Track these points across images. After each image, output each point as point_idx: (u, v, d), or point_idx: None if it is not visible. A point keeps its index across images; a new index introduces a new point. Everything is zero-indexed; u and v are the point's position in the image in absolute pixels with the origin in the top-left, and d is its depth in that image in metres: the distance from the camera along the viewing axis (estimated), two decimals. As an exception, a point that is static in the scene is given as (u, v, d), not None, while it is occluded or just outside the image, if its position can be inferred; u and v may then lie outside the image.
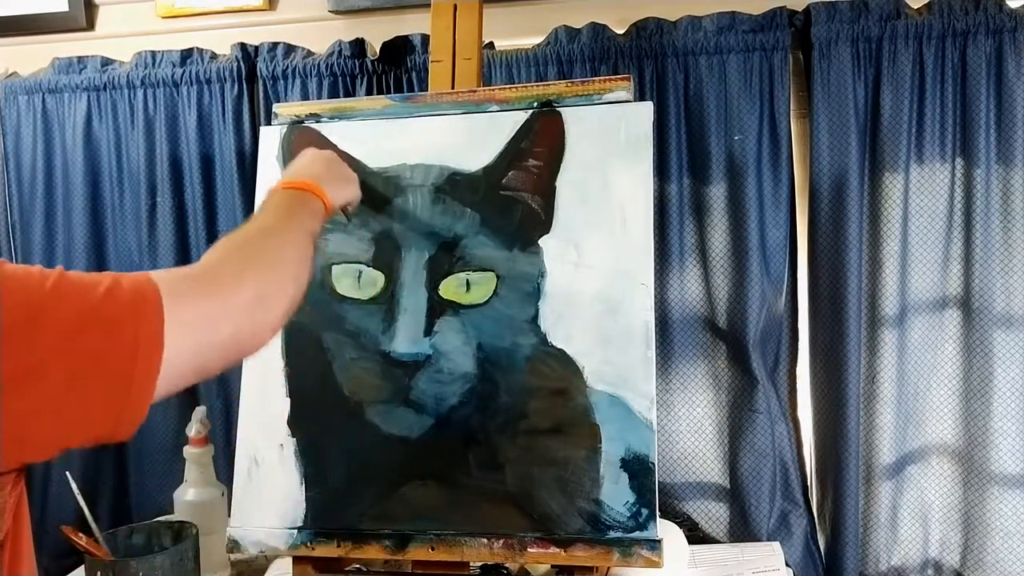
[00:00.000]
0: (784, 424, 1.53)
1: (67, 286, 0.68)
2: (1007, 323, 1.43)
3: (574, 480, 1.13)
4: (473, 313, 1.19)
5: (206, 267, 0.80)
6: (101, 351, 0.67)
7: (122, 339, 0.68)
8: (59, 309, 0.66)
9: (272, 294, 0.82)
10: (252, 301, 0.79)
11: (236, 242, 0.86)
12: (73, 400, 0.66)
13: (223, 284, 0.78)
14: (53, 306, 0.66)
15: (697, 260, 1.53)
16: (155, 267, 1.65)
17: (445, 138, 1.25)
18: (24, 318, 0.65)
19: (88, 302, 0.68)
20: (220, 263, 0.81)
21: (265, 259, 0.85)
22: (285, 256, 0.87)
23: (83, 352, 0.66)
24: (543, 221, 1.20)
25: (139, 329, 0.69)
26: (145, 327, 0.69)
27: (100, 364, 0.67)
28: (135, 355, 0.68)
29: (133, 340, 0.68)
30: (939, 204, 1.45)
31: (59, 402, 0.66)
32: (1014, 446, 1.44)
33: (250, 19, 1.68)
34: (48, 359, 0.65)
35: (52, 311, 0.66)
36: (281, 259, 0.86)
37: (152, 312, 0.70)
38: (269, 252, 0.86)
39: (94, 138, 1.68)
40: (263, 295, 0.80)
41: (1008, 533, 1.46)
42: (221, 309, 0.76)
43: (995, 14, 1.40)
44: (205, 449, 1.44)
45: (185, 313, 0.72)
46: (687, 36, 1.49)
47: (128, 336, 0.68)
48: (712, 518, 1.55)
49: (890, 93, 1.44)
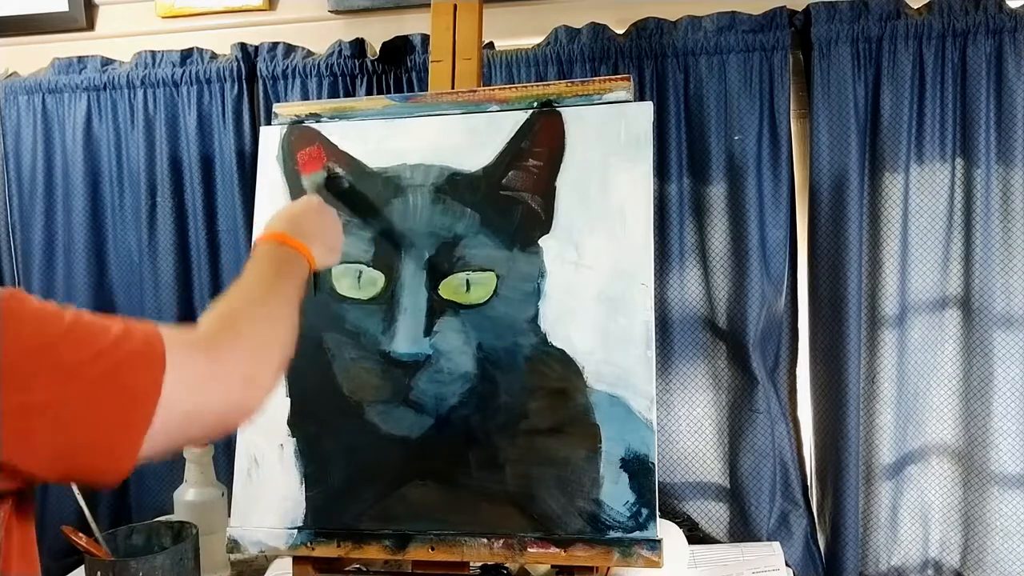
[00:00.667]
0: (784, 424, 1.53)
1: (80, 328, 0.70)
2: (1007, 323, 1.43)
3: (574, 480, 1.13)
4: (473, 313, 1.19)
5: (206, 336, 0.81)
6: (99, 396, 0.68)
7: (122, 388, 0.69)
8: (69, 349, 0.68)
9: (261, 374, 0.84)
10: (243, 379, 0.80)
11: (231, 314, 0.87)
12: (64, 440, 0.67)
13: (219, 358, 0.78)
14: (63, 345, 0.68)
15: (697, 260, 1.53)
16: (155, 267, 1.66)
17: (445, 138, 1.25)
18: (35, 350, 0.67)
19: (97, 346, 0.69)
20: (218, 335, 0.81)
21: (256, 340, 0.85)
22: (274, 334, 0.88)
23: (82, 394, 0.68)
24: (543, 221, 1.20)
25: (139, 380, 0.70)
26: (145, 379, 0.71)
27: (96, 409, 0.68)
28: (132, 406, 0.70)
29: (131, 391, 0.70)
30: (939, 204, 1.45)
31: (52, 439, 0.67)
32: (1014, 446, 1.44)
33: (250, 19, 1.68)
34: (49, 396, 0.66)
35: (62, 349, 0.68)
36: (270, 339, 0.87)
37: (155, 367, 0.71)
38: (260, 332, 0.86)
39: (94, 138, 1.68)
40: (253, 375, 0.82)
41: (1008, 533, 1.46)
42: (216, 380, 0.77)
43: (995, 14, 1.40)
44: (205, 449, 1.44)
45: (184, 375, 0.73)
46: (687, 36, 1.49)
47: (128, 385, 0.70)
48: (712, 518, 1.55)
49: (890, 93, 1.44)
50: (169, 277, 1.66)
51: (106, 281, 1.71)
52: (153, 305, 1.66)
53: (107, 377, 0.69)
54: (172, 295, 1.66)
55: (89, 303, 1.68)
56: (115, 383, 0.69)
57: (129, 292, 1.69)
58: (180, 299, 1.66)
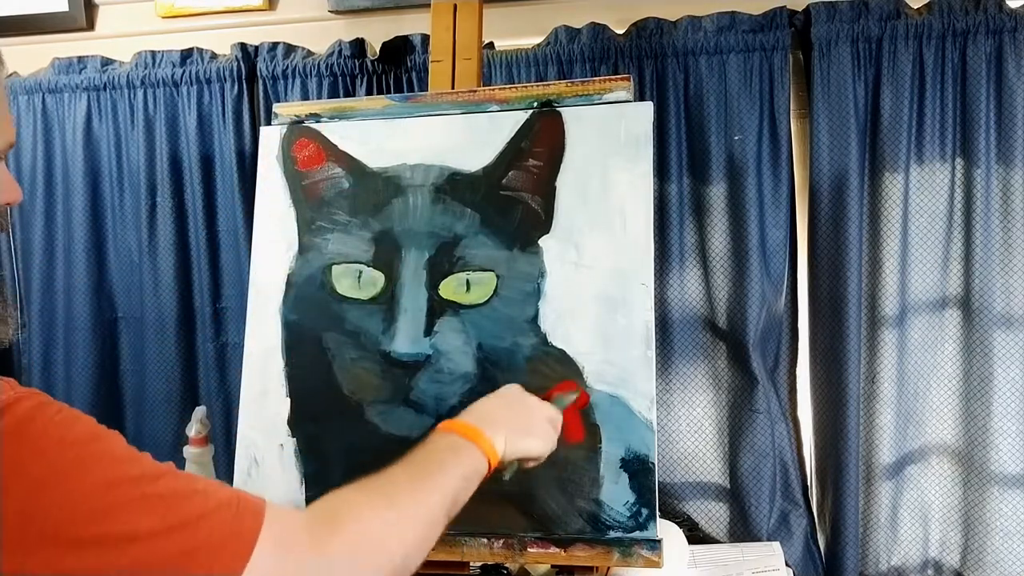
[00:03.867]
0: (784, 424, 1.53)
1: (163, 486, 0.62)
2: (1007, 323, 1.43)
3: (574, 480, 1.13)
4: (473, 313, 1.19)
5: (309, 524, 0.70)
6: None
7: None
8: (140, 513, 0.60)
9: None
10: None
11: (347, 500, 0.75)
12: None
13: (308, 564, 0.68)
14: (134, 506, 0.60)
15: (697, 260, 1.53)
16: (155, 267, 1.66)
17: (445, 138, 1.25)
18: (98, 510, 0.59)
19: (177, 516, 0.62)
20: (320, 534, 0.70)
21: (363, 545, 0.72)
22: (390, 542, 0.74)
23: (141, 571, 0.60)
24: (543, 221, 1.20)
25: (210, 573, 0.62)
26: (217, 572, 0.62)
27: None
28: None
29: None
30: (939, 204, 1.45)
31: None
32: (1014, 446, 1.44)
33: (250, 19, 1.68)
34: (104, 565, 0.59)
35: (130, 513, 0.60)
36: (383, 546, 0.73)
37: (234, 562, 0.62)
38: (372, 535, 0.73)
39: (94, 138, 1.68)
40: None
41: (1008, 533, 1.46)
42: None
43: (995, 14, 1.40)
44: (205, 449, 1.44)
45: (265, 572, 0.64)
46: (687, 36, 1.49)
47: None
48: (712, 518, 1.55)
49: (890, 93, 1.44)
50: (169, 277, 1.66)
51: (106, 281, 1.71)
52: (153, 305, 1.66)
53: (174, 561, 0.60)
54: (172, 295, 1.66)
55: (89, 303, 1.68)
56: (181, 571, 0.61)
57: (129, 292, 1.70)
58: (180, 299, 1.66)
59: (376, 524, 0.74)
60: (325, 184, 1.28)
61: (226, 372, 1.65)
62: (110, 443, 0.63)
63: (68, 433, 0.61)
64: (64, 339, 1.70)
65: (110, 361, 1.72)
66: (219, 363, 1.66)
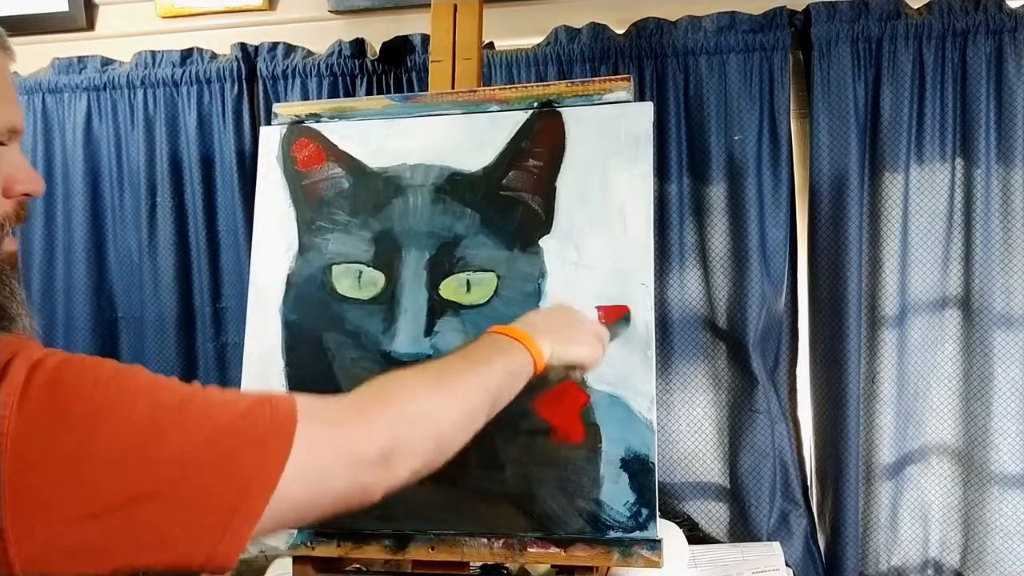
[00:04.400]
0: (784, 424, 1.53)
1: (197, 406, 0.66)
2: (1007, 323, 1.43)
3: (574, 480, 1.13)
4: (473, 313, 1.19)
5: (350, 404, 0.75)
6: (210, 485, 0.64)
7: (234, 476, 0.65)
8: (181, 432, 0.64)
9: (403, 451, 0.75)
10: (378, 455, 0.73)
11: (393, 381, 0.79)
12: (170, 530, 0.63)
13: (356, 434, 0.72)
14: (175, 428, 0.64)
15: (697, 260, 1.53)
16: (155, 267, 1.65)
17: (445, 138, 1.25)
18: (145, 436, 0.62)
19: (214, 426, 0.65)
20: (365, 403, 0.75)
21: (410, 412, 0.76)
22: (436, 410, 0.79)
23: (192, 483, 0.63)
24: (543, 221, 1.20)
25: (255, 469, 0.65)
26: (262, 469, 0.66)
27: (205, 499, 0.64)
28: (242, 497, 0.64)
29: (245, 481, 0.65)
30: (939, 204, 1.45)
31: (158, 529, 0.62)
32: (1014, 446, 1.44)
33: (250, 19, 1.68)
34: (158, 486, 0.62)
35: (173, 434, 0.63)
36: (428, 416, 0.78)
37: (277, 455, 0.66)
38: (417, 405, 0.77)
39: (94, 138, 1.68)
40: (392, 450, 0.74)
41: (1008, 533, 1.46)
42: (346, 459, 0.71)
43: (995, 14, 1.40)
44: (205, 449, 1.44)
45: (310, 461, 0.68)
46: (687, 36, 1.49)
47: (242, 474, 0.65)
48: (712, 518, 1.55)
49: (890, 93, 1.44)
50: (169, 277, 1.66)
51: (106, 281, 1.71)
52: (153, 305, 1.66)
53: (220, 463, 0.64)
54: (172, 295, 1.66)
55: (89, 303, 1.68)
56: (228, 470, 0.64)
57: (129, 292, 1.69)
58: (180, 299, 1.66)
59: (424, 394, 0.79)
60: (325, 184, 1.28)
61: (226, 372, 1.65)
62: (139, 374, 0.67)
63: (101, 374, 0.64)
64: (64, 339, 1.70)
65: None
66: (219, 363, 1.66)
